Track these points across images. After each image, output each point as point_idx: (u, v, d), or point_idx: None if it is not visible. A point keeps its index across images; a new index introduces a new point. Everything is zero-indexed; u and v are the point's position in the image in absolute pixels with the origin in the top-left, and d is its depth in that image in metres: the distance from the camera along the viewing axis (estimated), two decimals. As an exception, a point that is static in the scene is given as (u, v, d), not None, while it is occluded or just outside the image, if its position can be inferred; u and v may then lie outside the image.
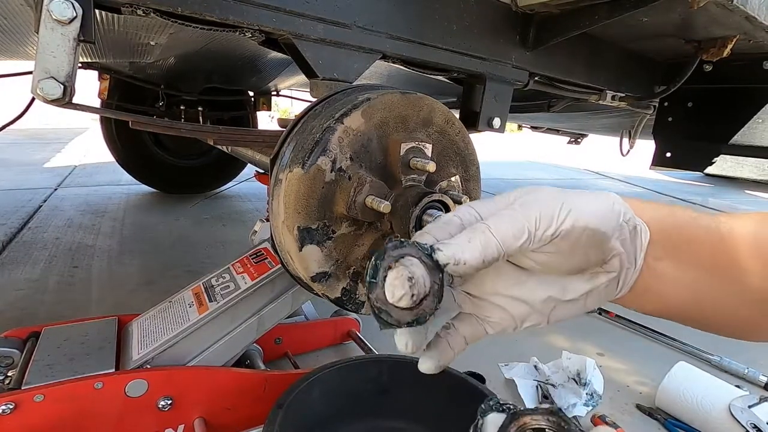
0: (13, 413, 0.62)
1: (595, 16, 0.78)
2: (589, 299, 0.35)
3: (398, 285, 0.26)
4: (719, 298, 0.37)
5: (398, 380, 0.79)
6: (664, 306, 0.38)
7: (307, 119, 0.58)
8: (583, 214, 0.31)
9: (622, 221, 0.33)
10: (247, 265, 0.88)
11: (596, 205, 0.33)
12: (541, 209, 0.31)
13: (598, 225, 0.32)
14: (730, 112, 1.24)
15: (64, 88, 0.51)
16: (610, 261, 0.34)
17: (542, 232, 0.31)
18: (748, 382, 1.09)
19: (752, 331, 0.40)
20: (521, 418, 0.25)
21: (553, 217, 0.31)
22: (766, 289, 0.35)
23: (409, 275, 0.26)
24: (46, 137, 5.20)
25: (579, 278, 0.35)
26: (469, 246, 0.29)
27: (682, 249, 0.36)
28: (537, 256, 0.33)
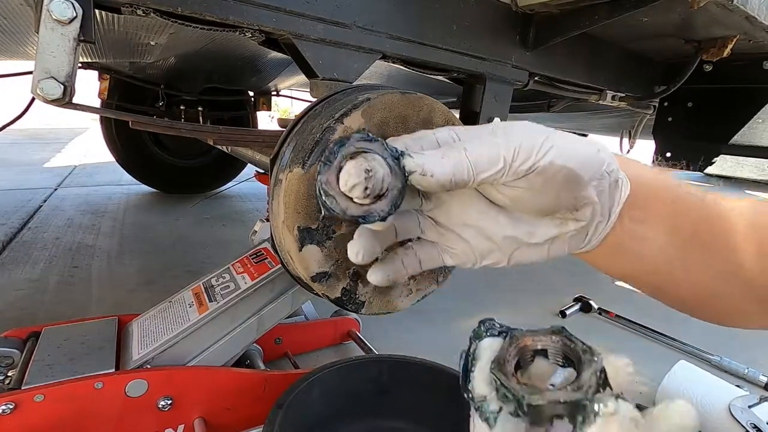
0: (13, 413, 0.62)
1: (595, 16, 0.78)
2: (554, 246, 0.34)
3: (353, 174, 0.25)
4: (697, 272, 0.36)
5: (398, 380, 0.79)
6: (635, 270, 0.37)
7: (307, 119, 0.58)
8: (564, 153, 0.30)
9: (604, 170, 0.32)
10: (247, 265, 0.88)
11: (580, 147, 0.31)
12: (523, 140, 0.29)
13: (577, 168, 0.30)
14: (730, 112, 1.24)
15: (64, 88, 0.50)
16: (582, 209, 0.32)
17: (518, 164, 0.29)
18: (748, 382, 1.09)
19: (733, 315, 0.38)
20: (522, 339, 0.22)
21: (533, 150, 0.29)
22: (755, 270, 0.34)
23: (368, 168, 0.25)
24: (46, 137, 5.20)
25: (547, 222, 0.33)
26: (440, 161, 0.27)
27: (663, 214, 0.35)
28: (508, 191, 0.31)
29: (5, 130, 1.67)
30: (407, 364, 0.81)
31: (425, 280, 0.67)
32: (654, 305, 1.46)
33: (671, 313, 0.42)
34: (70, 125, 6.57)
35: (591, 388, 0.19)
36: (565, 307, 1.44)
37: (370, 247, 0.31)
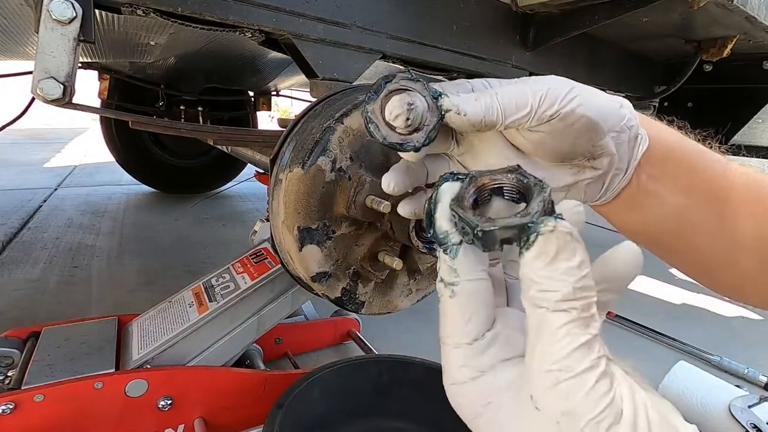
0: (13, 413, 0.62)
1: (595, 16, 0.78)
2: (571, 193, 0.35)
3: (398, 105, 0.28)
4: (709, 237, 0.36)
5: (398, 380, 0.79)
6: (647, 227, 0.38)
7: (307, 119, 0.58)
8: (586, 103, 0.31)
9: (624, 125, 0.33)
10: (247, 265, 0.88)
11: (603, 100, 0.33)
12: (549, 89, 0.31)
13: (597, 118, 0.32)
14: (731, 112, 1.24)
15: (64, 88, 0.51)
16: (599, 158, 0.34)
17: (543, 110, 0.31)
18: (748, 382, 1.09)
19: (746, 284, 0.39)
20: (479, 179, 0.23)
21: (558, 97, 0.31)
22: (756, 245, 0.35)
23: (410, 102, 0.28)
24: (46, 137, 5.20)
25: (565, 169, 0.35)
26: (473, 103, 0.30)
27: (679, 175, 0.36)
28: (531, 135, 0.33)
29: (5, 130, 1.67)
30: (407, 364, 0.81)
31: (425, 280, 0.67)
32: (654, 305, 1.47)
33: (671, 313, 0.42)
34: (70, 125, 6.57)
35: (537, 214, 0.20)
36: (565, 307, 1.43)
37: (402, 181, 0.33)
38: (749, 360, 1.17)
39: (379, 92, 0.30)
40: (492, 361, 0.23)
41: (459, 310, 0.23)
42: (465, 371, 0.23)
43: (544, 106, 0.30)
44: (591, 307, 0.19)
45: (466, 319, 0.23)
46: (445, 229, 0.23)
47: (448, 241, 0.23)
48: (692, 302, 1.63)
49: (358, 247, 0.58)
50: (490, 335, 0.23)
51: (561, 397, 0.19)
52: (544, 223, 0.19)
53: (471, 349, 0.23)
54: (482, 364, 0.23)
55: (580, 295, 0.19)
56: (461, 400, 0.24)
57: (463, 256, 0.23)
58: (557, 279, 0.19)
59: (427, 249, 0.55)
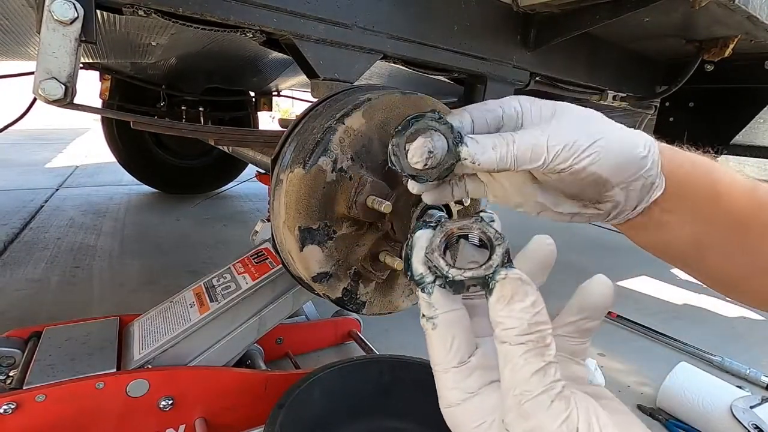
0: (14, 413, 0.62)
1: (596, 15, 0.78)
2: (576, 218, 0.38)
3: (418, 153, 0.31)
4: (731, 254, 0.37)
5: (399, 380, 0.79)
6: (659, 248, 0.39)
7: (308, 119, 0.58)
8: (602, 159, 0.32)
9: (641, 174, 0.34)
10: (248, 266, 0.88)
11: (624, 151, 0.33)
12: (567, 142, 0.32)
13: (609, 173, 0.33)
14: (732, 112, 1.24)
15: (66, 88, 0.51)
16: (604, 203, 0.35)
17: (555, 164, 0.32)
18: (749, 383, 1.09)
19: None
20: (449, 228, 0.28)
21: (573, 154, 0.32)
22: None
23: (431, 150, 0.31)
24: (48, 138, 5.21)
25: (572, 202, 0.37)
26: (490, 152, 0.31)
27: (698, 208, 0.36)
28: (540, 175, 0.35)
29: (7, 131, 1.68)
30: (408, 364, 0.81)
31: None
32: (656, 305, 1.47)
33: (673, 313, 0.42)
34: (71, 126, 6.58)
35: (497, 266, 0.24)
36: (566, 307, 1.43)
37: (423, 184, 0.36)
38: (751, 360, 1.17)
39: (406, 130, 0.32)
40: (478, 384, 0.26)
41: (441, 339, 0.26)
42: (456, 393, 0.25)
43: (557, 161, 0.32)
44: (545, 339, 0.23)
45: (449, 346, 0.26)
46: (420, 271, 0.27)
47: (424, 281, 0.26)
48: (694, 303, 1.63)
49: (359, 247, 0.58)
50: (475, 360, 0.26)
51: (523, 417, 0.22)
52: (498, 273, 0.24)
53: (458, 373, 0.26)
54: (469, 386, 0.25)
55: (534, 329, 0.23)
56: (455, 421, 0.26)
57: (437, 293, 0.26)
58: (514, 317, 0.23)
59: None
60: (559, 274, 1.31)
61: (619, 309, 1.45)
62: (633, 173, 0.33)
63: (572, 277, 0.41)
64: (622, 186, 0.34)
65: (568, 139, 0.32)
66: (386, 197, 0.54)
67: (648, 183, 0.34)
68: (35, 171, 3.24)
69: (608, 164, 0.32)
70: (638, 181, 0.34)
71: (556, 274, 0.35)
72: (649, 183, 0.35)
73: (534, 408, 0.22)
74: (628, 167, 0.33)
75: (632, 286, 1.75)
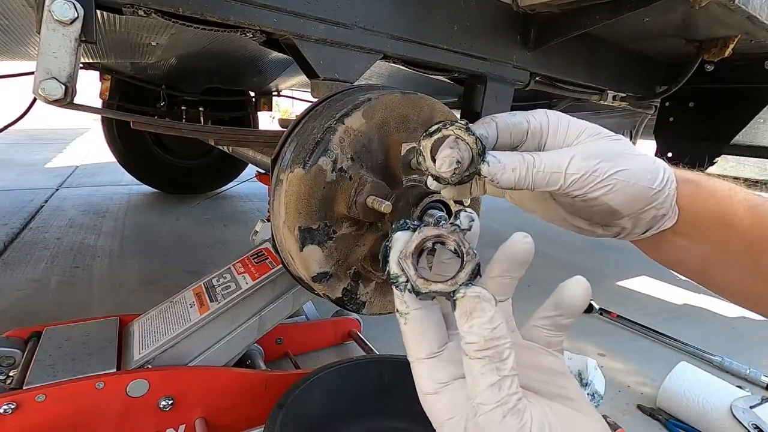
0: (14, 413, 0.62)
1: (596, 16, 0.78)
2: (585, 232, 0.40)
3: (447, 163, 0.33)
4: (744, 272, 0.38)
5: (399, 380, 0.79)
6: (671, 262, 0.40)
7: (308, 119, 0.58)
8: (616, 190, 0.33)
9: (653, 207, 0.35)
10: (248, 266, 0.88)
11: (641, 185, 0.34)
12: (585, 172, 0.33)
13: (620, 205, 0.34)
14: (732, 112, 1.24)
15: (66, 88, 0.51)
16: (612, 228, 0.37)
17: (570, 190, 0.33)
18: (749, 383, 1.09)
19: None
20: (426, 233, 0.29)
21: (589, 183, 0.33)
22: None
23: (459, 160, 0.33)
24: (48, 138, 5.21)
25: (581, 219, 0.39)
26: (509, 174, 0.33)
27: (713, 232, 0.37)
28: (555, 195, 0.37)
29: (7, 131, 1.68)
30: (408, 364, 0.81)
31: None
32: (656, 306, 1.46)
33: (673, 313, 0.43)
34: (71, 126, 6.58)
35: (461, 284, 0.25)
36: (566, 307, 1.43)
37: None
38: (751, 360, 1.17)
39: (434, 133, 0.34)
40: (448, 376, 0.27)
41: (412, 332, 0.28)
42: (428, 383, 0.27)
43: (572, 188, 0.33)
44: (502, 354, 0.24)
45: (419, 339, 0.28)
46: (395, 271, 0.28)
47: (398, 280, 0.28)
48: (694, 303, 1.63)
49: (359, 247, 0.58)
50: (446, 354, 0.28)
51: (479, 428, 0.24)
52: (458, 292, 0.25)
53: (430, 364, 0.28)
54: (440, 377, 0.27)
55: (491, 344, 0.24)
56: (430, 408, 0.28)
57: (409, 291, 0.27)
58: (474, 333, 0.24)
59: None
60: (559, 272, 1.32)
61: (619, 309, 1.45)
62: (645, 206, 0.34)
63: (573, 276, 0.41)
64: (632, 216, 0.35)
65: (587, 168, 0.33)
66: (386, 197, 0.54)
67: (659, 214, 0.36)
68: (35, 171, 3.24)
69: (622, 198, 0.33)
70: (649, 212, 0.35)
71: (556, 274, 0.36)
72: (660, 214, 0.36)
73: (487, 422, 0.23)
74: (641, 201, 0.34)
75: (632, 286, 1.75)
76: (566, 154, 0.33)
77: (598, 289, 1.62)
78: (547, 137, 0.35)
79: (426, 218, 0.53)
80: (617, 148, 0.34)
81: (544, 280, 0.63)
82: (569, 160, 0.33)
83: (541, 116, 0.35)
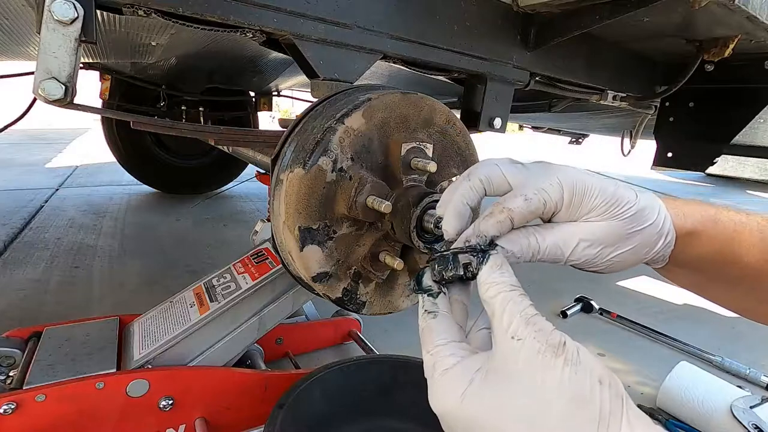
0: (14, 413, 0.62)
1: (596, 16, 0.78)
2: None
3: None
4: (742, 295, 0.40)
5: (399, 380, 0.79)
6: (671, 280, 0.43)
7: (308, 119, 0.58)
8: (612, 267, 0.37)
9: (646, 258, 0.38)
10: (248, 265, 0.88)
11: (635, 256, 0.37)
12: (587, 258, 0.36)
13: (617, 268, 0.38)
14: (732, 112, 1.24)
15: (66, 88, 0.51)
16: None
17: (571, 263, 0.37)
18: (749, 383, 1.09)
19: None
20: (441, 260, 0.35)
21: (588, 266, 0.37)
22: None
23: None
24: (48, 138, 5.21)
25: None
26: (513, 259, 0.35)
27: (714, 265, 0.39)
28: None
29: (7, 131, 1.68)
30: (408, 364, 0.81)
31: (426, 281, 0.67)
32: (656, 305, 1.46)
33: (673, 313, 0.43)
34: (71, 126, 6.58)
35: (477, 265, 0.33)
36: (566, 307, 1.43)
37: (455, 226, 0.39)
38: (751, 361, 1.17)
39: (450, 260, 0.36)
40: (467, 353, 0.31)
41: (439, 324, 0.33)
42: (451, 359, 0.30)
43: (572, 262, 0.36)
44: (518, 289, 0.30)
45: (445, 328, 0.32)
46: (429, 284, 0.35)
47: (432, 290, 0.35)
48: (694, 302, 1.63)
49: (359, 247, 0.58)
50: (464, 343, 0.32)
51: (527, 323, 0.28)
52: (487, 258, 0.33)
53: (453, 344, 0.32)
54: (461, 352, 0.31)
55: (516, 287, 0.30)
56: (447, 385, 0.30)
57: (440, 298, 0.34)
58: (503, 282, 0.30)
59: (428, 249, 0.55)
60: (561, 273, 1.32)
61: (619, 309, 1.45)
62: (638, 262, 0.38)
63: (576, 276, 0.41)
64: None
65: (588, 256, 0.36)
66: (386, 197, 0.54)
67: (651, 260, 0.39)
68: (35, 171, 3.24)
69: (618, 267, 0.37)
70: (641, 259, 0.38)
71: (558, 273, 0.36)
72: (652, 260, 0.39)
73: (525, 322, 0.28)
74: (636, 262, 0.38)
75: (632, 286, 1.75)
76: (571, 239, 0.35)
77: (598, 289, 1.61)
78: (560, 211, 0.36)
79: (426, 218, 0.53)
80: (624, 229, 0.35)
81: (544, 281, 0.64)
82: (573, 247, 0.35)
83: (556, 193, 0.35)
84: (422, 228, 0.54)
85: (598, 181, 0.35)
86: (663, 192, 4.26)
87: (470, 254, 0.34)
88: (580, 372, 0.25)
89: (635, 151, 1.80)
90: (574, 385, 0.25)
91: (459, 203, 0.36)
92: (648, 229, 0.36)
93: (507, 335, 0.28)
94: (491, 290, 0.30)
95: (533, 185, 0.35)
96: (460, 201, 0.36)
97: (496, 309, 0.29)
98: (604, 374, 0.25)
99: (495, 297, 0.29)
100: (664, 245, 0.37)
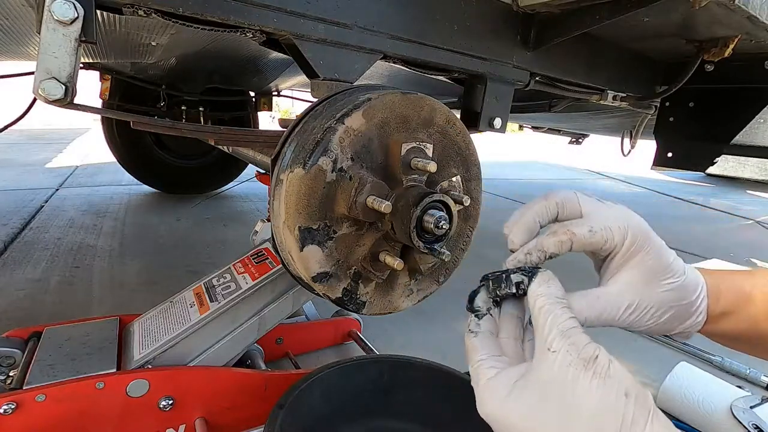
0: (14, 413, 0.62)
1: (596, 15, 0.78)
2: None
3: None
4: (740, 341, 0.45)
5: (399, 380, 0.79)
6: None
7: (308, 119, 0.58)
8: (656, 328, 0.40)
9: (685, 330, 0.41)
10: (248, 266, 0.88)
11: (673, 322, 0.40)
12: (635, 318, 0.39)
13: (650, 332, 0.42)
14: (732, 112, 1.24)
15: (66, 88, 0.51)
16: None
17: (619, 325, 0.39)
18: (749, 383, 1.09)
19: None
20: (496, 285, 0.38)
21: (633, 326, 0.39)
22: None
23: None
24: (48, 138, 5.21)
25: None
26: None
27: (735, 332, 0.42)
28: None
29: (7, 131, 1.68)
30: (408, 364, 0.81)
31: (426, 281, 0.67)
32: (655, 305, 1.42)
33: None
34: (71, 126, 6.58)
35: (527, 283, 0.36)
36: (566, 307, 1.43)
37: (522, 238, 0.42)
38: (751, 360, 1.17)
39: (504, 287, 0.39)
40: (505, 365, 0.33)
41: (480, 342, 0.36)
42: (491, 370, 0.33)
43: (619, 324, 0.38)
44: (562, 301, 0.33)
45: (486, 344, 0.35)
46: (479, 305, 0.38)
47: (480, 310, 0.38)
48: (694, 302, 1.62)
49: (359, 247, 0.58)
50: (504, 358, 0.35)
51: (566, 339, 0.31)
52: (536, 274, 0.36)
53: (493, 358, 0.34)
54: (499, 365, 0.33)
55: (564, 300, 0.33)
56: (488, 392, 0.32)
57: (485, 319, 0.37)
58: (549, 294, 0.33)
59: (428, 249, 0.55)
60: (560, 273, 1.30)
61: (619, 309, 1.44)
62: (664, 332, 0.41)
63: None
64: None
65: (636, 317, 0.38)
66: (386, 197, 0.54)
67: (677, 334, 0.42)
68: (35, 171, 3.24)
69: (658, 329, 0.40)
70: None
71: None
72: (679, 334, 0.42)
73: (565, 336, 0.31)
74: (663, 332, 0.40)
75: (632, 286, 1.75)
76: (623, 302, 0.38)
77: (598, 289, 1.61)
78: (617, 254, 0.38)
79: (426, 218, 0.53)
80: (669, 298, 0.38)
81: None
82: (622, 311, 0.38)
83: (620, 236, 0.38)
84: (422, 228, 0.54)
85: (660, 242, 0.38)
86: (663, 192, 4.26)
87: (521, 273, 0.37)
88: (607, 384, 0.28)
89: (635, 151, 1.80)
90: (600, 395, 0.27)
91: (531, 219, 0.39)
92: (684, 306, 0.39)
93: (545, 347, 0.30)
94: (538, 302, 0.33)
95: (602, 221, 0.37)
96: (532, 217, 0.39)
97: (539, 321, 0.32)
98: (632, 387, 0.28)
99: (540, 309, 0.32)
100: (693, 323, 0.40)
